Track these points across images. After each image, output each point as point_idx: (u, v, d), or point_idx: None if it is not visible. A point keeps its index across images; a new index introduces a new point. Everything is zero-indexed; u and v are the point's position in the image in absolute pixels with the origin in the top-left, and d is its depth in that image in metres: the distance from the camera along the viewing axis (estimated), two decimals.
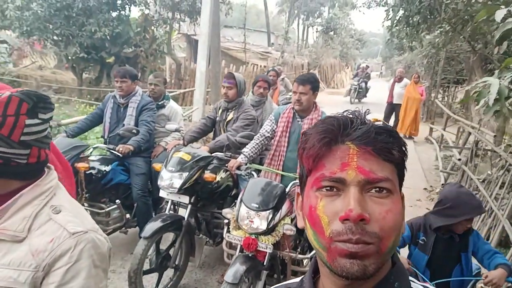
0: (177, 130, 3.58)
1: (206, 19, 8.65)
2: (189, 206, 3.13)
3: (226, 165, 3.13)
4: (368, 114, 0.73)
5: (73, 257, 1.01)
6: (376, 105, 12.90)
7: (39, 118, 1.05)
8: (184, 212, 3.17)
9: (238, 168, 3.01)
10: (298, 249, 2.84)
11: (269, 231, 2.54)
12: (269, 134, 3.22)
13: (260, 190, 2.65)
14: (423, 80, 14.22)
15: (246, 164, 3.03)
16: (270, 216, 2.53)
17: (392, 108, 10.62)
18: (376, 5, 15.42)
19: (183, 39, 19.80)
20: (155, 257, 3.04)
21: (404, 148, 0.69)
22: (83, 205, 3.57)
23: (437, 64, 12.25)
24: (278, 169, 3.15)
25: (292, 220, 2.70)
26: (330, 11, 29.30)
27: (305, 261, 2.94)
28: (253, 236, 2.52)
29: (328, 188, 0.65)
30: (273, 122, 3.24)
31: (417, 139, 10.53)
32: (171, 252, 3.13)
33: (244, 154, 3.07)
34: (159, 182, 3.07)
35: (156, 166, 3.34)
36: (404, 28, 6.68)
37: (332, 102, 15.66)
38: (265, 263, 2.58)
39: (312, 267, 0.74)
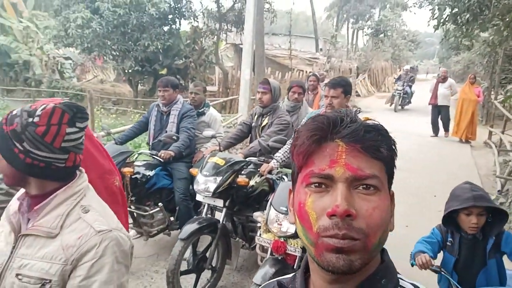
0: (213, 137, 3.72)
1: (249, 28, 8.85)
2: (224, 210, 3.23)
3: (259, 169, 3.20)
4: (359, 113, 0.75)
5: (98, 253, 1.13)
6: (424, 113, 12.40)
7: (76, 126, 1.19)
8: (220, 216, 3.27)
9: (270, 172, 3.07)
10: None
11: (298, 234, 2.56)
12: None
13: None
14: (483, 80, 13.36)
15: (277, 169, 3.08)
16: None
17: (438, 111, 10.15)
18: (428, 4, 14.80)
19: (232, 48, 20.32)
20: (192, 259, 3.17)
21: (393, 147, 0.71)
22: (129, 207, 3.83)
23: (496, 63, 11.46)
24: None
25: None
26: (381, 13, 28.53)
27: None
28: (282, 239, 2.55)
29: (317, 184, 0.66)
30: None
31: (475, 143, 9.90)
32: (208, 254, 3.24)
33: (275, 159, 3.12)
34: (195, 186, 3.21)
35: (193, 171, 3.49)
36: (454, 27, 6.37)
37: (381, 108, 15.10)
38: (295, 267, 2.59)
39: (304, 264, 0.77)
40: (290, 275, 0.80)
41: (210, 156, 3.34)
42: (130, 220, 3.97)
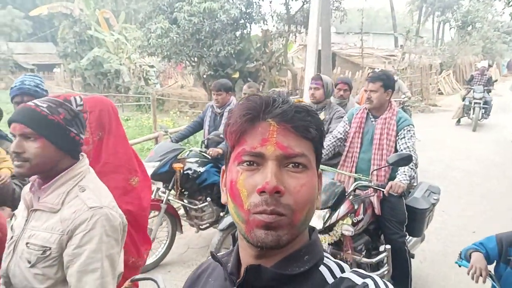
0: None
1: (313, 28, 8.79)
2: None
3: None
4: (291, 95, 0.80)
5: (89, 226, 1.31)
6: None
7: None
8: None
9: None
10: (363, 252, 2.74)
11: (327, 230, 2.55)
12: (341, 135, 3.20)
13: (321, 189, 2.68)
14: None
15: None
16: (327, 215, 2.54)
17: None
18: None
19: (303, 50, 20.28)
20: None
21: (321, 128, 0.73)
22: (182, 200, 4.12)
23: None
24: (351, 171, 3.10)
25: (352, 220, 2.65)
26: (470, 3, 26.07)
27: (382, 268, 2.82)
28: None
29: (248, 163, 0.67)
30: (346, 123, 3.21)
31: None
32: None
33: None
34: None
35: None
36: None
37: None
38: None
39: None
40: (229, 250, 0.82)
41: None
42: (182, 212, 4.27)
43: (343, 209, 2.59)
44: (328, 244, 2.53)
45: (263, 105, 0.69)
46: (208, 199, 3.98)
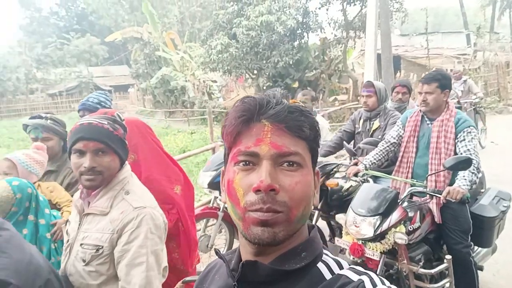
0: None
1: (371, 31, 8.57)
2: (316, 212, 3.28)
3: (345, 172, 3.15)
4: (284, 96, 0.83)
5: (135, 224, 1.44)
6: None
7: None
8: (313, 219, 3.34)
9: (356, 175, 2.99)
10: (421, 263, 2.58)
11: (378, 238, 2.45)
12: (394, 140, 3.06)
13: (370, 195, 2.58)
14: None
15: (364, 171, 2.97)
16: (378, 222, 2.43)
17: None
18: None
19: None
20: None
21: (316, 127, 0.75)
22: None
23: None
24: (407, 177, 2.95)
25: (407, 228, 2.51)
26: None
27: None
28: (360, 242, 2.48)
29: (244, 162, 0.70)
30: (399, 127, 3.08)
31: None
32: None
33: (363, 162, 3.02)
34: None
35: None
36: None
37: None
38: (377, 272, 2.48)
39: None
40: (234, 249, 0.84)
41: None
42: None
43: (395, 216, 2.47)
44: (381, 252, 2.43)
45: (257, 107, 0.71)
46: None
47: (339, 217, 2.79)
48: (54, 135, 2.32)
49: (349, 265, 0.74)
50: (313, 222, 3.24)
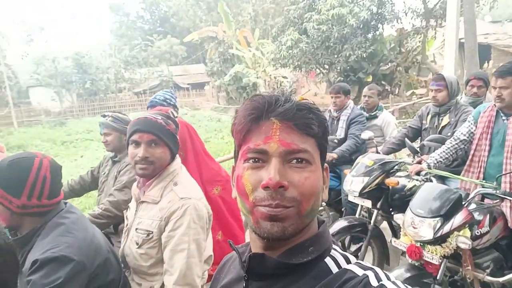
0: (370, 139, 3.67)
1: (452, 19, 7.91)
2: (375, 211, 3.16)
3: (407, 171, 2.98)
4: (293, 93, 0.85)
5: (180, 213, 1.55)
6: None
7: None
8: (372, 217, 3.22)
9: (418, 173, 2.82)
10: (488, 270, 2.35)
11: (438, 241, 2.29)
12: (465, 137, 2.83)
13: (432, 195, 2.41)
14: None
15: (427, 169, 2.79)
16: (438, 224, 2.27)
17: None
18: None
19: None
20: None
21: (325, 124, 0.77)
22: None
23: None
24: (478, 178, 2.71)
25: (474, 232, 2.31)
26: None
27: None
28: (418, 244, 2.34)
29: (253, 160, 0.71)
30: (471, 123, 2.83)
31: None
32: (359, 254, 3.24)
33: (428, 161, 2.83)
34: (344, 186, 3.28)
35: (346, 171, 3.56)
36: None
37: None
38: (438, 277, 2.32)
39: None
40: (248, 242, 0.85)
41: (360, 157, 3.35)
42: None
43: (459, 218, 2.28)
44: (442, 256, 2.27)
45: (266, 105, 0.72)
46: (324, 203, 3.98)
47: (397, 217, 2.67)
48: (113, 130, 2.58)
49: (408, 266, 0.73)
50: (372, 222, 3.13)
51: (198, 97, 29.68)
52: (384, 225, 3.58)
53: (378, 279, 0.66)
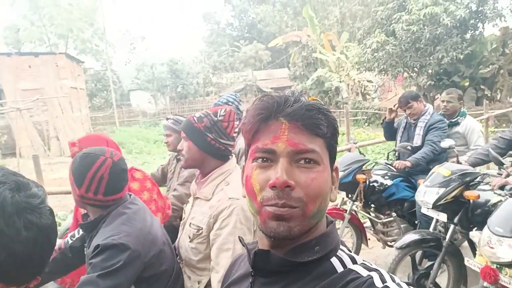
0: (450, 148, 3.34)
1: None
2: (452, 226, 2.88)
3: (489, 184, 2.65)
4: (304, 93, 0.85)
5: (227, 213, 1.58)
6: None
7: (238, 122, 1.77)
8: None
9: (503, 188, 2.49)
10: None
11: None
12: None
13: None
14: None
15: None
16: None
17: None
18: None
19: None
20: (412, 273, 3.02)
21: (334, 125, 0.76)
22: (368, 213, 4.02)
23: None
24: None
25: None
26: None
27: None
28: (495, 266, 2.08)
29: (262, 159, 0.72)
30: None
31: None
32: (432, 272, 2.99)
33: None
34: (416, 197, 3.05)
35: (420, 181, 3.30)
36: None
37: None
38: None
39: None
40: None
41: (437, 166, 3.08)
42: (369, 224, 4.16)
43: None
44: None
45: (275, 105, 0.73)
46: (394, 214, 3.75)
47: (473, 235, 2.40)
48: (173, 132, 2.78)
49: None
50: (447, 238, 2.86)
51: None
52: (466, 244, 3.24)
53: (383, 280, 0.64)
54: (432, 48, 12.27)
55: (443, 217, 2.89)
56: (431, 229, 3.09)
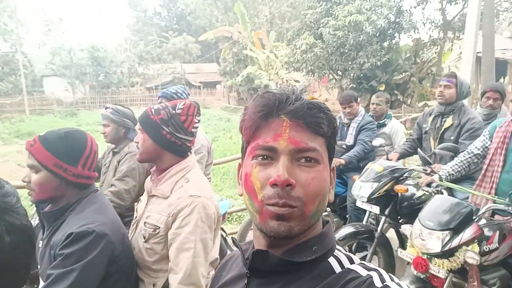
0: (381, 146, 3.63)
1: (471, 33, 7.82)
2: (383, 218, 3.12)
3: (417, 181, 2.94)
4: (304, 92, 0.84)
5: (188, 211, 1.51)
6: None
7: (198, 118, 1.68)
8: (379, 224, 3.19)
9: (429, 185, 2.78)
10: (495, 287, 2.31)
11: (446, 254, 2.25)
12: (479, 151, 2.78)
13: (442, 208, 2.37)
14: None
15: (439, 181, 2.75)
16: (447, 238, 2.23)
17: None
18: None
19: None
20: None
21: (334, 124, 0.75)
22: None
23: None
24: (489, 193, 2.66)
25: (482, 248, 2.27)
26: None
27: None
28: (425, 257, 2.30)
29: (262, 157, 0.71)
30: (486, 138, 2.78)
31: None
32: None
33: (440, 172, 2.79)
34: (352, 192, 3.25)
35: (355, 177, 3.53)
36: None
37: None
38: None
39: None
40: (251, 240, 0.85)
41: (371, 163, 3.32)
42: None
43: (468, 233, 2.24)
44: (449, 271, 2.23)
45: (276, 102, 0.71)
46: (328, 209, 3.95)
47: (405, 228, 2.62)
48: (111, 122, 2.65)
49: (412, 278, 0.73)
50: (379, 229, 3.10)
51: (209, 96, 29.78)
52: (391, 235, 3.54)
53: (382, 280, 0.65)
54: (355, 53, 13.15)
55: (376, 209, 3.12)
56: (364, 222, 3.31)
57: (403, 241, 3.36)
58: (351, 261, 0.73)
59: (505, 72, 15.94)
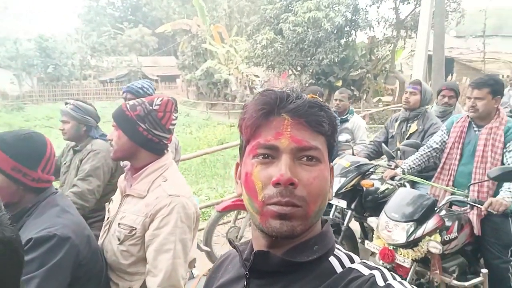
0: (347, 141, 3.73)
1: (423, 31, 8.22)
2: (349, 212, 3.22)
3: (382, 174, 3.06)
4: (304, 91, 0.83)
5: (167, 211, 1.45)
6: None
7: (176, 115, 1.61)
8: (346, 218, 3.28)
9: (393, 178, 2.90)
10: (454, 274, 2.46)
11: (410, 245, 2.37)
12: (437, 146, 2.94)
13: (406, 200, 2.50)
14: None
15: (402, 175, 2.88)
16: (411, 229, 2.35)
17: None
18: None
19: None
20: None
21: (334, 123, 0.75)
22: None
23: None
24: (447, 185, 2.83)
25: (443, 238, 2.41)
26: None
27: None
28: (391, 248, 2.41)
29: (263, 155, 0.69)
30: (444, 133, 2.95)
31: None
32: None
33: (402, 166, 2.93)
34: None
35: None
36: None
37: None
38: (407, 280, 2.40)
39: None
40: (247, 240, 0.83)
41: (338, 158, 3.40)
42: None
43: (431, 224, 2.37)
44: (412, 260, 2.35)
45: (277, 100, 0.70)
46: None
47: (371, 220, 2.72)
48: (71, 119, 2.52)
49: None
50: (345, 223, 3.19)
51: (167, 90, 29.11)
52: (354, 227, 3.66)
53: (385, 279, 0.65)
54: (314, 49, 13.41)
55: (343, 203, 3.20)
56: (330, 216, 3.39)
57: (366, 233, 3.48)
58: (352, 260, 0.73)
59: (452, 70, 16.98)
